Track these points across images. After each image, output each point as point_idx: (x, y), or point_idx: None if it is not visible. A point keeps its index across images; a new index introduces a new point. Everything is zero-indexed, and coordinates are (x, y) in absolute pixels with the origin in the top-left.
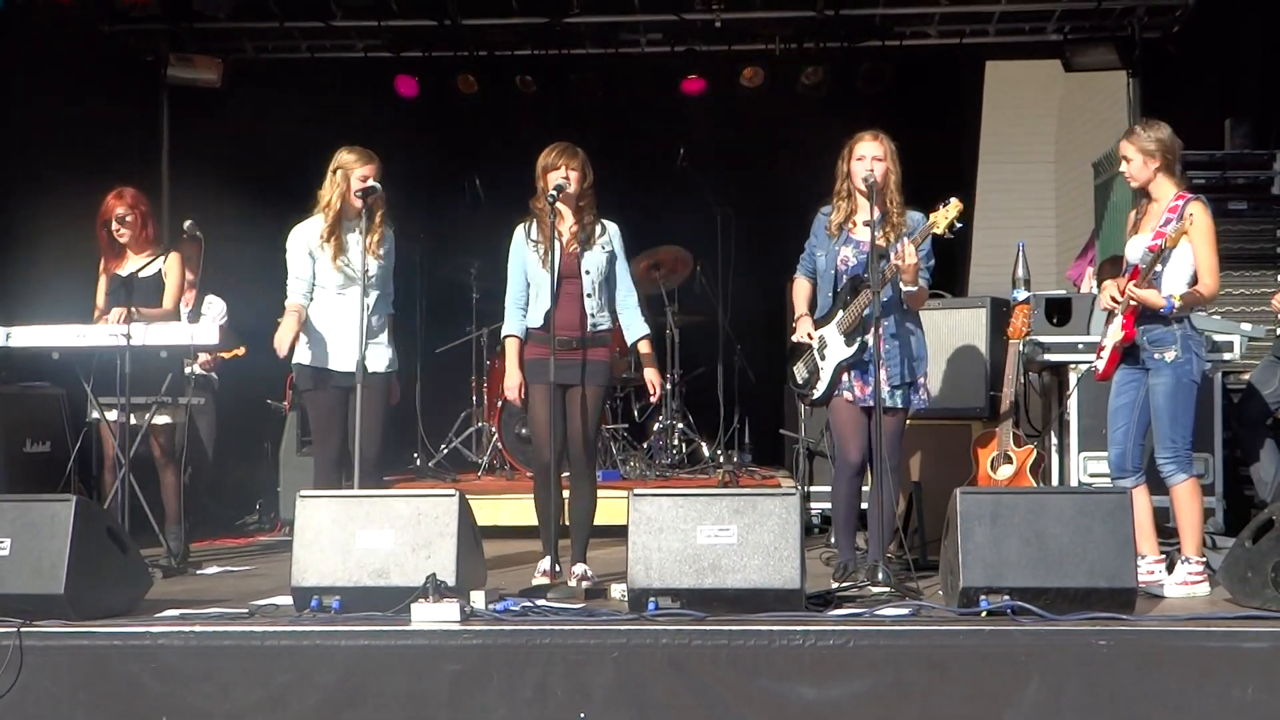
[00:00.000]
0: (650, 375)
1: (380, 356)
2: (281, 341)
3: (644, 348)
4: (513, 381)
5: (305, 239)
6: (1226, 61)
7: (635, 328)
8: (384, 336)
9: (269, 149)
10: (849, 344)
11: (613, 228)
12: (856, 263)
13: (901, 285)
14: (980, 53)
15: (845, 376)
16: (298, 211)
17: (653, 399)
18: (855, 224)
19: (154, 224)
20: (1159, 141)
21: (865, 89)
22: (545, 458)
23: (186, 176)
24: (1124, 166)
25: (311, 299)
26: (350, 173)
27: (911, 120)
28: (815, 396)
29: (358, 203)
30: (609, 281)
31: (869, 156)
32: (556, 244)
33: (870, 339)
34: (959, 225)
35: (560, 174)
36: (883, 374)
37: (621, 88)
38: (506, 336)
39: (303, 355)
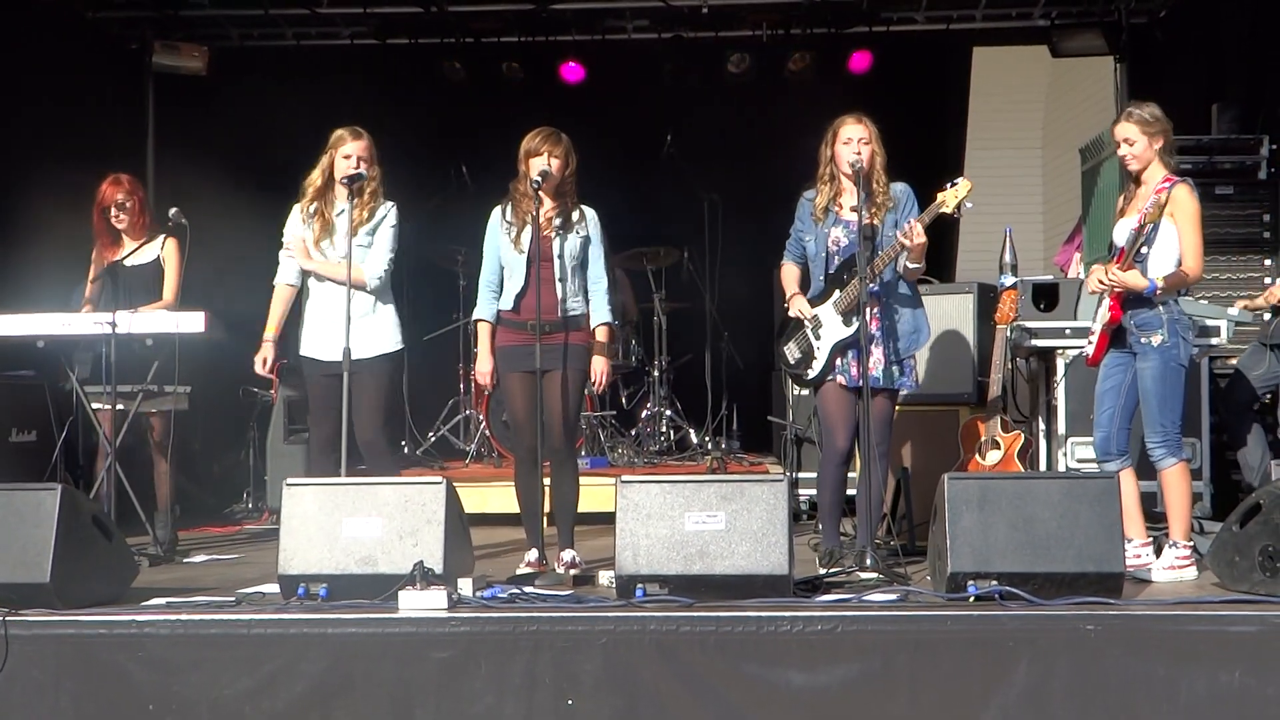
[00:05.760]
0: (597, 364)
1: (367, 342)
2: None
3: (600, 335)
4: (484, 367)
5: (294, 221)
6: (1213, 46)
7: (598, 313)
8: (374, 320)
9: (255, 137)
10: (847, 324)
11: (591, 213)
12: (849, 243)
13: (907, 262)
14: (967, 38)
15: (840, 360)
16: (285, 199)
17: (595, 388)
18: (842, 206)
19: (149, 210)
20: (1158, 119)
21: (852, 75)
22: (525, 447)
23: (172, 165)
24: (1125, 150)
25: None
26: (337, 150)
27: (898, 106)
28: (810, 377)
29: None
30: (584, 267)
31: (855, 140)
32: (532, 228)
33: (861, 319)
34: (969, 206)
35: (543, 160)
36: (878, 352)
37: (608, 74)
38: (477, 320)
39: (303, 344)
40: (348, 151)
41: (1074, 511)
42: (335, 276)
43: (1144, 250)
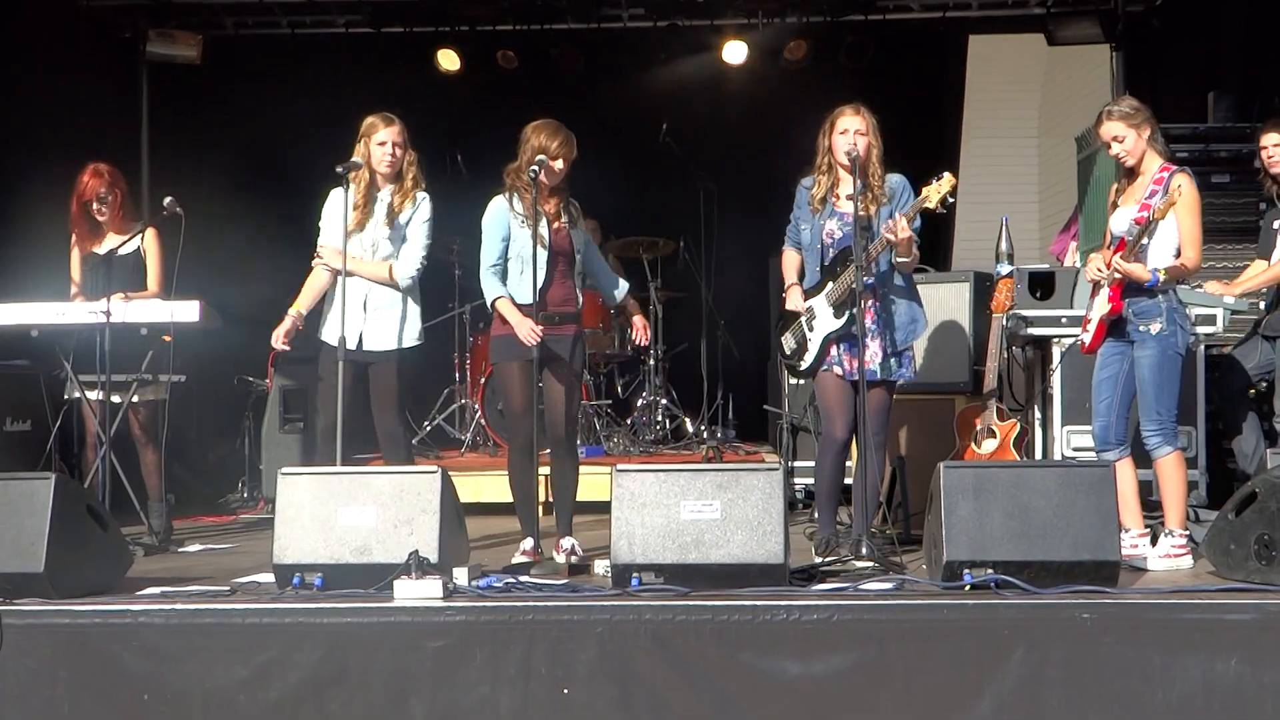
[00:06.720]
0: (639, 321)
1: (393, 335)
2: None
3: (631, 300)
4: (527, 326)
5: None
6: (1209, 34)
7: (623, 285)
8: (402, 313)
9: (249, 126)
10: (837, 316)
11: (577, 206)
12: (843, 235)
13: (895, 257)
14: (963, 26)
15: (834, 351)
16: (280, 187)
17: (643, 342)
18: (839, 197)
19: (130, 202)
20: (1138, 109)
21: (848, 63)
22: (523, 436)
23: (167, 154)
24: (1117, 148)
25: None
26: (370, 137)
27: (895, 95)
28: (803, 367)
29: (386, 169)
30: (585, 260)
31: (851, 130)
32: (545, 221)
33: (858, 311)
34: (951, 200)
35: (560, 164)
36: (875, 345)
37: (603, 62)
38: (498, 299)
39: (324, 330)
40: (382, 138)
41: (1070, 500)
42: (371, 276)
43: (1144, 241)
